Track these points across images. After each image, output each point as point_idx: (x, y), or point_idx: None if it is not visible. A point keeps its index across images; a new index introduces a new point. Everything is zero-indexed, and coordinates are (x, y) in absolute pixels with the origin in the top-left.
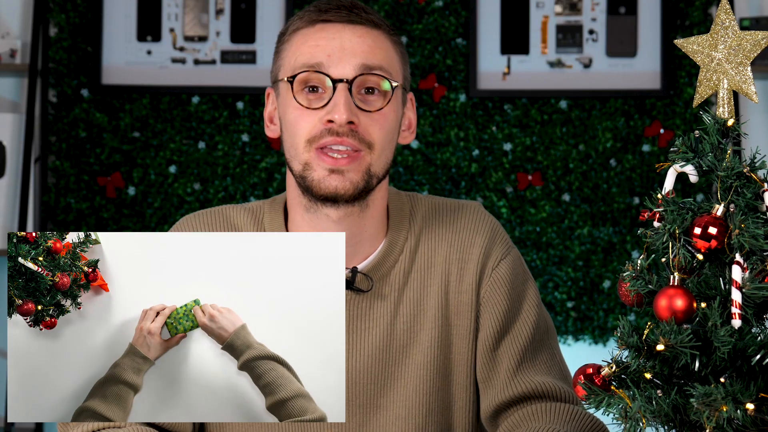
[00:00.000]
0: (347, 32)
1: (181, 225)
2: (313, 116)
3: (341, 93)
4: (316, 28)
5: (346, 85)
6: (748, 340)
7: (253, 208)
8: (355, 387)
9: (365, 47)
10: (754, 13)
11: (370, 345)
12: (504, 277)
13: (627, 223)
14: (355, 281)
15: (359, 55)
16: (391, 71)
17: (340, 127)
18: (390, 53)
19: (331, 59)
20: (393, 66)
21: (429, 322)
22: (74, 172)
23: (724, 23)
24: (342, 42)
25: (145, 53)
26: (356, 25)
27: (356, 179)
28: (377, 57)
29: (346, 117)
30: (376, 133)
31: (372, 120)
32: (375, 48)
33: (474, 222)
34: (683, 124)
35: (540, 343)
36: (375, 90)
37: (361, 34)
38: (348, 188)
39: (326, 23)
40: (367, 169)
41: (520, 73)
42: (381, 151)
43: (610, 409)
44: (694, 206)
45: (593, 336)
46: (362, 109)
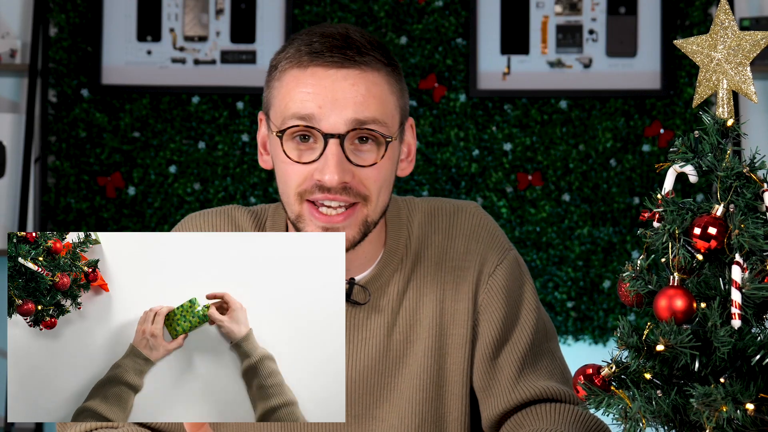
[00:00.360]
0: (340, 80)
1: (186, 224)
2: (303, 170)
3: (333, 149)
4: (307, 72)
5: (338, 141)
6: (747, 341)
7: (257, 211)
8: (351, 397)
9: (359, 98)
10: (754, 13)
11: (366, 356)
12: (501, 283)
13: (627, 223)
14: (352, 293)
15: (351, 108)
16: (386, 120)
17: (333, 187)
18: (385, 98)
19: (322, 111)
20: (387, 112)
21: (424, 332)
22: (74, 172)
23: (724, 23)
24: (334, 93)
25: (145, 53)
26: (349, 70)
27: (353, 234)
28: (370, 108)
29: (338, 179)
30: (371, 185)
31: (366, 175)
32: (368, 97)
33: (470, 227)
34: (683, 124)
35: (540, 347)
36: (369, 138)
37: (354, 82)
38: (346, 246)
39: (318, 67)
40: (364, 221)
41: (520, 73)
42: (377, 200)
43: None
44: (693, 206)
45: (593, 336)
46: (355, 164)
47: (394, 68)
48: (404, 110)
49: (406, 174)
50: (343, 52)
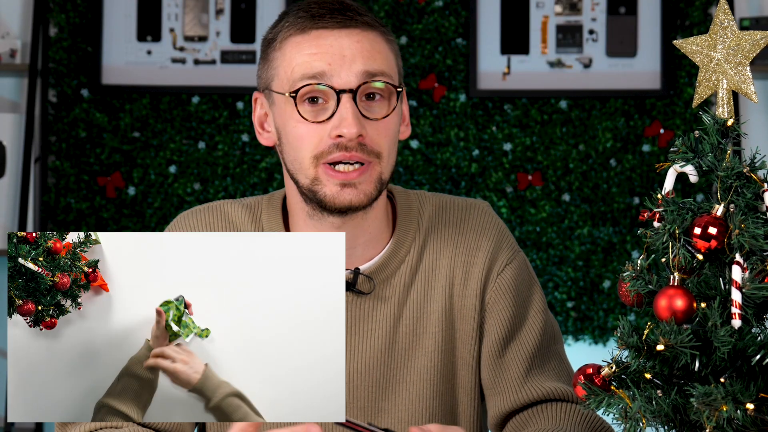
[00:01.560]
0: (344, 38)
1: (178, 222)
2: (318, 130)
3: (347, 105)
4: (311, 35)
5: (350, 95)
6: (748, 340)
7: (251, 204)
8: (357, 390)
9: (365, 52)
10: (754, 13)
11: (371, 348)
12: (509, 282)
13: (627, 223)
14: (357, 283)
15: (360, 62)
16: (391, 74)
17: (350, 141)
18: (387, 54)
19: (332, 68)
20: (392, 68)
21: (433, 326)
22: (74, 172)
23: (723, 23)
24: (341, 49)
25: (145, 53)
26: (352, 29)
27: (369, 190)
28: (377, 61)
29: (356, 131)
30: (384, 142)
31: (378, 129)
32: (374, 52)
33: (481, 224)
34: (683, 124)
35: (548, 348)
36: (376, 95)
37: (358, 39)
38: (363, 200)
39: (321, 30)
40: (379, 178)
41: (520, 73)
42: (388, 158)
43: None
44: (694, 206)
45: (593, 336)
46: (368, 118)
47: (390, 35)
48: (402, 73)
49: (405, 137)
50: (344, 14)
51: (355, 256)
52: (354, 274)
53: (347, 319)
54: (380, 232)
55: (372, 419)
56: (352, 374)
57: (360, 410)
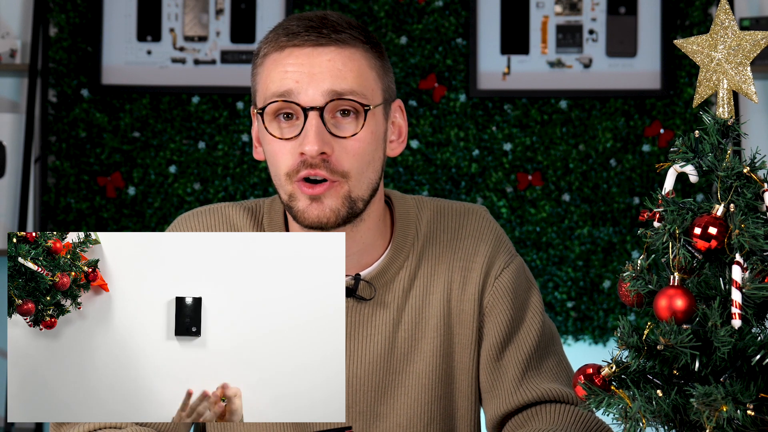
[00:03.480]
0: (316, 56)
1: (178, 224)
2: (288, 147)
3: (312, 122)
4: (285, 53)
5: (317, 113)
6: (748, 340)
7: (252, 207)
8: (356, 394)
9: (334, 71)
10: (754, 13)
11: (371, 353)
12: (507, 286)
13: (627, 223)
14: (358, 289)
15: (328, 81)
16: (365, 92)
17: (312, 158)
18: (363, 72)
19: (300, 86)
20: (366, 85)
21: (431, 331)
22: (74, 172)
23: (724, 23)
24: (311, 68)
25: (145, 53)
26: (325, 47)
27: (336, 206)
28: (347, 80)
29: (317, 148)
30: (350, 161)
31: (345, 148)
32: (345, 71)
33: (479, 229)
34: (683, 124)
35: (545, 350)
36: (350, 111)
37: (330, 57)
38: (330, 216)
39: (295, 47)
40: (347, 196)
41: (520, 73)
42: (358, 177)
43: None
44: (694, 206)
45: (593, 336)
46: (335, 135)
47: (373, 46)
48: (388, 89)
49: (396, 154)
50: (319, 31)
51: (351, 264)
52: (355, 280)
53: (347, 325)
54: (376, 240)
55: (370, 423)
56: (352, 379)
57: (359, 414)
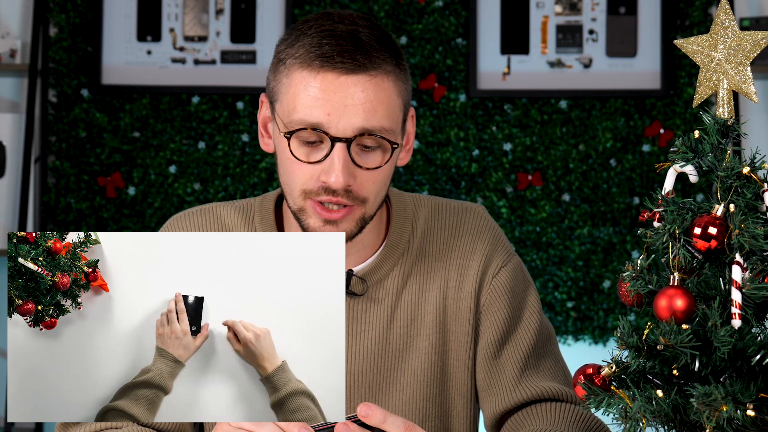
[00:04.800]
0: (350, 87)
1: (170, 225)
2: (310, 170)
3: (339, 153)
4: (317, 77)
5: (345, 144)
6: (748, 340)
7: (243, 206)
8: (350, 390)
9: (367, 104)
10: (754, 13)
11: (365, 349)
12: (504, 284)
13: (627, 223)
14: (350, 284)
15: (360, 116)
16: (392, 126)
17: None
18: (392, 102)
19: (331, 119)
20: (394, 118)
21: (426, 328)
22: (74, 172)
23: (724, 23)
24: (344, 98)
25: (145, 53)
26: (360, 75)
27: (350, 228)
28: (378, 116)
29: (343, 182)
30: (370, 189)
31: (368, 177)
32: (377, 104)
33: (476, 227)
34: (683, 124)
35: (543, 349)
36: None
37: (363, 88)
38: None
39: (328, 72)
40: (362, 218)
41: (520, 73)
42: (375, 200)
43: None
44: (694, 206)
45: (593, 336)
46: (360, 166)
47: (399, 64)
48: (407, 106)
49: (404, 163)
50: (354, 57)
51: (349, 258)
52: (347, 276)
53: None
54: (372, 237)
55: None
56: (346, 375)
57: (352, 410)
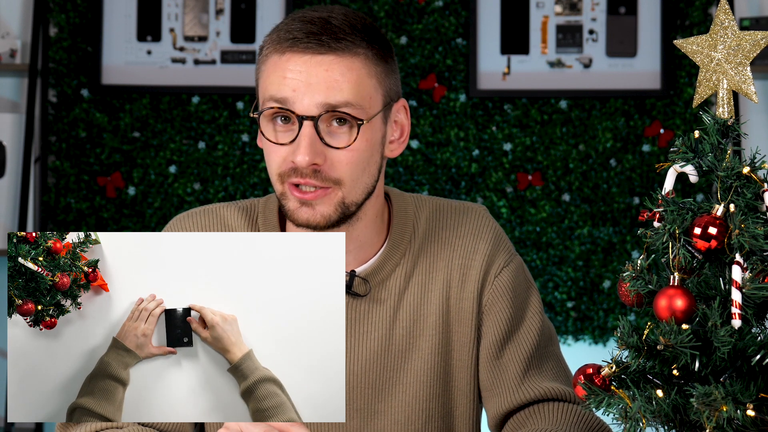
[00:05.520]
0: (313, 66)
1: (173, 226)
2: (281, 151)
3: (306, 131)
4: (284, 57)
5: (311, 122)
6: (748, 340)
7: (247, 207)
8: (353, 391)
9: (330, 81)
10: (754, 13)
11: (367, 349)
12: (506, 284)
13: (627, 223)
14: (353, 285)
15: (323, 92)
16: (361, 103)
17: (303, 169)
18: (361, 82)
19: (296, 94)
20: (364, 95)
21: (429, 328)
22: (74, 172)
23: (724, 23)
24: (308, 77)
25: (145, 53)
26: (324, 56)
27: (327, 212)
28: (343, 92)
29: (308, 159)
30: (342, 170)
31: (338, 158)
32: (342, 81)
33: (478, 227)
34: (683, 124)
35: (545, 349)
36: (346, 121)
37: (327, 67)
38: (319, 220)
39: (294, 53)
40: (341, 202)
41: (520, 73)
42: (353, 184)
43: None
44: (694, 206)
45: (593, 336)
46: (329, 146)
47: (377, 50)
48: (390, 91)
49: (396, 155)
50: (318, 39)
51: (348, 261)
52: (350, 277)
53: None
54: (373, 236)
55: (368, 421)
56: (349, 376)
57: (356, 412)
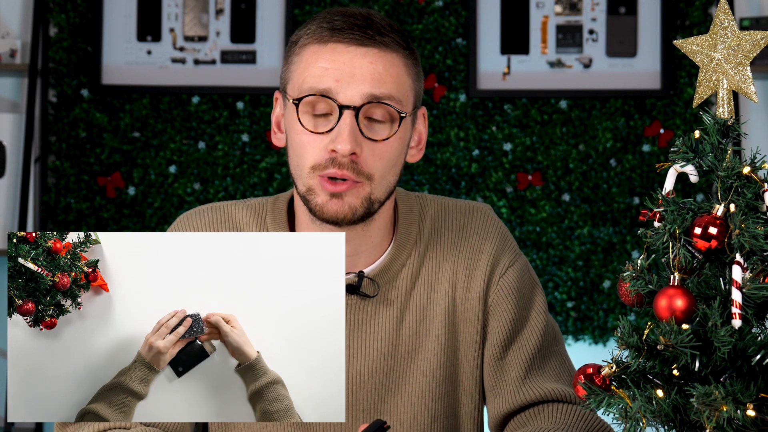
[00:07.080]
0: (358, 56)
1: (181, 222)
2: (318, 142)
3: (347, 120)
4: (327, 47)
5: (353, 112)
6: (748, 340)
7: (255, 205)
8: (359, 392)
9: (375, 74)
10: (754, 13)
11: (375, 350)
12: (512, 284)
13: (627, 223)
14: (361, 286)
15: (368, 83)
16: (401, 98)
17: (343, 157)
18: (401, 78)
19: (339, 85)
20: (403, 91)
21: (436, 329)
22: (74, 172)
23: (724, 23)
24: (352, 68)
25: (145, 53)
26: (369, 48)
27: (355, 204)
28: (387, 85)
29: (349, 148)
30: (377, 164)
31: (374, 151)
32: (385, 75)
33: (483, 227)
34: (683, 124)
35: (548, 349)
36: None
37: (372, 60)
38: (347, 213)
39: (337, 43)
40: (368, 197)
41: (520, 73)
42: (381, 180)
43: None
44: (694, 206)
45: (593, 336)
46: (367, 138)
47: (411, 53)
48: (418, 96)
49: (415, 160)
50: (364, 31)
51: (357, 262)
52: (358, 278)
53: (351, 322)
54: (383, 237)
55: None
56: (356, 376)
57: (363, 412)
